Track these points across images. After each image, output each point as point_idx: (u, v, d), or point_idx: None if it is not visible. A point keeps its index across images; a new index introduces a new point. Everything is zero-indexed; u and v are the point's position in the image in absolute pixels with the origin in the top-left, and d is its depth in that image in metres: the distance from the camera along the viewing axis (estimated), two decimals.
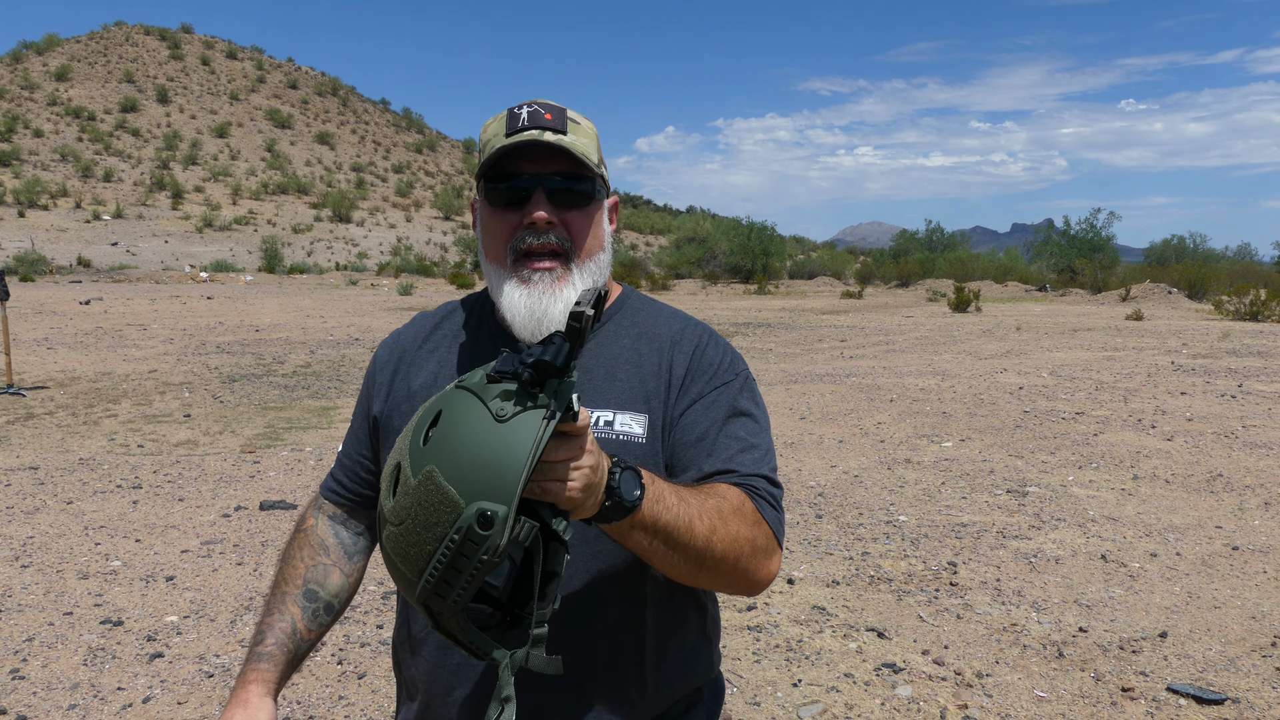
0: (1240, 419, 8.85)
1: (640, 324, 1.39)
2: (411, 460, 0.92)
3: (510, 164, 1.26)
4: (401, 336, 1.47)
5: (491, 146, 1.27)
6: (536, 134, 1.24)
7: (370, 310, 26.65)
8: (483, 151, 1.31)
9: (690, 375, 1.32)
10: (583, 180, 1.28)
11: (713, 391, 1.31)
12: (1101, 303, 31.83)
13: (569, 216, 1.28)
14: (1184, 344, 16.35)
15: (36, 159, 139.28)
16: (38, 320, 20.62)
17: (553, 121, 1.26)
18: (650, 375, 1.32)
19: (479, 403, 0.91)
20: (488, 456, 0.88)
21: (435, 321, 1.46)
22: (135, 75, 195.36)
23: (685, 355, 1.34)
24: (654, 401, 1.30)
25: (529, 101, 1.31)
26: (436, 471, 0.89)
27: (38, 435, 8.21)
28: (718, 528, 1.14)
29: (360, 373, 12.70)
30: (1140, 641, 3.90)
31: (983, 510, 5.91)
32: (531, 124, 1.25)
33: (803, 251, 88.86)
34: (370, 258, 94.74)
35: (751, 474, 1.25)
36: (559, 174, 1.26)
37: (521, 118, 1.26)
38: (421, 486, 0.89)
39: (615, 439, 1.26)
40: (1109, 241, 50.59)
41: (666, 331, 1.37)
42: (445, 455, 0.89)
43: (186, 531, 5.38)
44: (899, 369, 13.16)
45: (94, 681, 3.51)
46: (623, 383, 1.30)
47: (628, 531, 1.06)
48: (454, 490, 0.87)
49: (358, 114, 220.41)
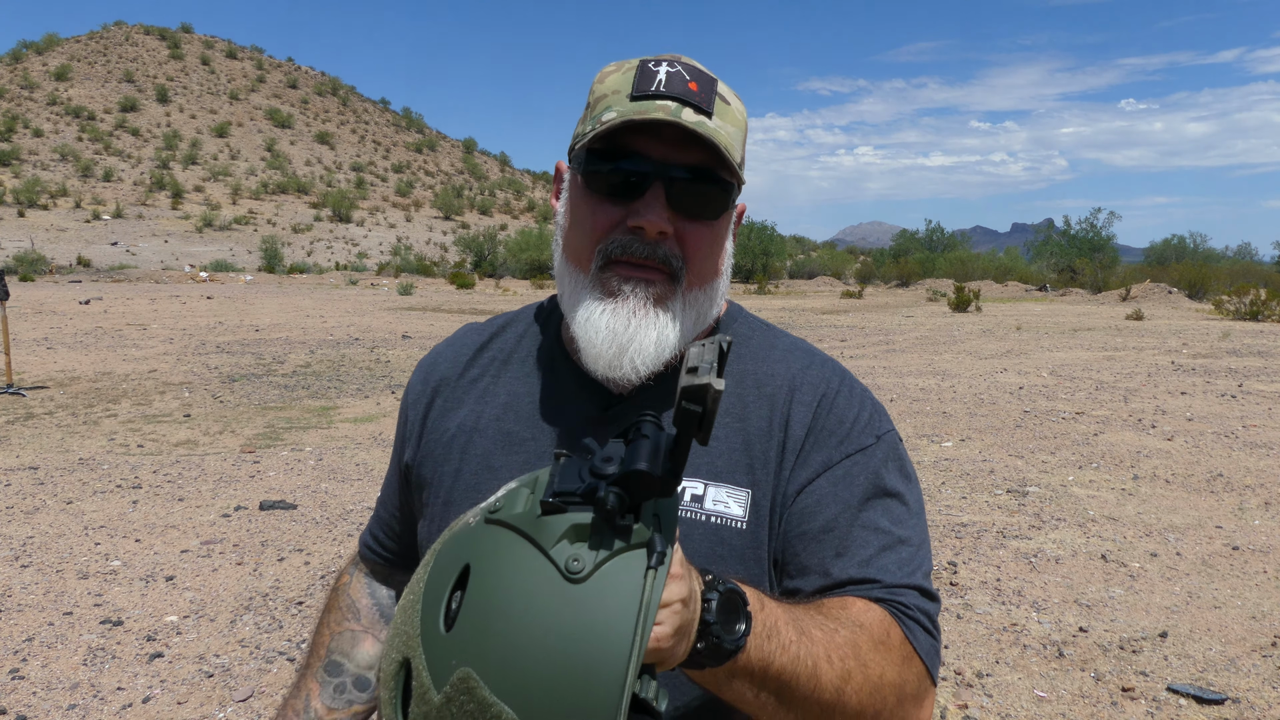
0: (1240, 419, 8.85)
1: (748, 359, 1.05)
2: (429, 659, 0.57)
3: (627, 138, 0.94)
4: (440, 359, 1.15)
5: (606, 108, 0.95)
6: (674, 108, 0.91)
7: (370, 310, 26.65)
8: (593, 108, 0.97)
9: (813, 437, 0.98)
10: (719, 184, 0.96)
11: (844, 460, 0.97)
12: (1101, 302, 31.84)
13: (690, 229, 0.96)
14: (1184, 344, 16.35)
15: (36, 159, 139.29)
16: (37, 320, 20.62)
17: (699, 95, 0.93)
18: (758, 434, 0.98)
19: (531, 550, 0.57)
20: (564, 648, 0.54)
21: (483, 340, 1.14)
22: (135, 75, 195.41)
23: (807, 408, 1.00)
24: (761, 472, 0.96)
25: (670, 57, 0.97)
26: (476, 681, 0.55)
27: (37, 435, 8.21)
28: (853, 673, 0.81)
29: (361, 373, 12.70)
30: (1140, 641, 3.90)
31: (983, 510, 5.91)
32: (669, 91, 0.92)
33: (803, 251, 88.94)
34: (370, 257, 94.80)
35: (899, 584, 0.91)
36: (691, 169, 0.94)
37: (658, 78, 0.93)
38: (452, 705, 0.55)
39: (705, 522, 0.93)
40: (1109, 241, 50.66)
41: (783, 373, 1.03)
42: (489, 652, 0.55)
43: (186, 531, 5.38)
44: (899, 369, 13.16)
45: (94, 681, 3.50)
46: (720, 442, 0.97)
47: (725, 680, 0.75)
48: (511, 713, 0.54)
49: (358, 114, 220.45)
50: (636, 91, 0.93)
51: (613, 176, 0.94)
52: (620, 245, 0.94)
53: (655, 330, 0.94)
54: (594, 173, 0.95)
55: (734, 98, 0.98)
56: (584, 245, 0.97)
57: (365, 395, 10.71)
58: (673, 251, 0.95)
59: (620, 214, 0.95)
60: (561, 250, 1.02)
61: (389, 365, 13.56)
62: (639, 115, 0.91)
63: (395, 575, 1.21)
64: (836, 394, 1.02)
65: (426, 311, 26.59)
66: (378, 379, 12.06)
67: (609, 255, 0.95)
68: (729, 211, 1.00)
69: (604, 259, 0.96)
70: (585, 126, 0.97)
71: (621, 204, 0.95)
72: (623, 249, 0.94)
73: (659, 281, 0.95)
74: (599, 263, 0.96)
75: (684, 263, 0.96)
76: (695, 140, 0.93)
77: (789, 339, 1.09)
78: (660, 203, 0.93)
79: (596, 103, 0.97)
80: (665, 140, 0.93)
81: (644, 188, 0.93)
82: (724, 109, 0.95)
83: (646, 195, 0.93)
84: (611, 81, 0.96)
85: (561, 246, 1.02)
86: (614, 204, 0.95)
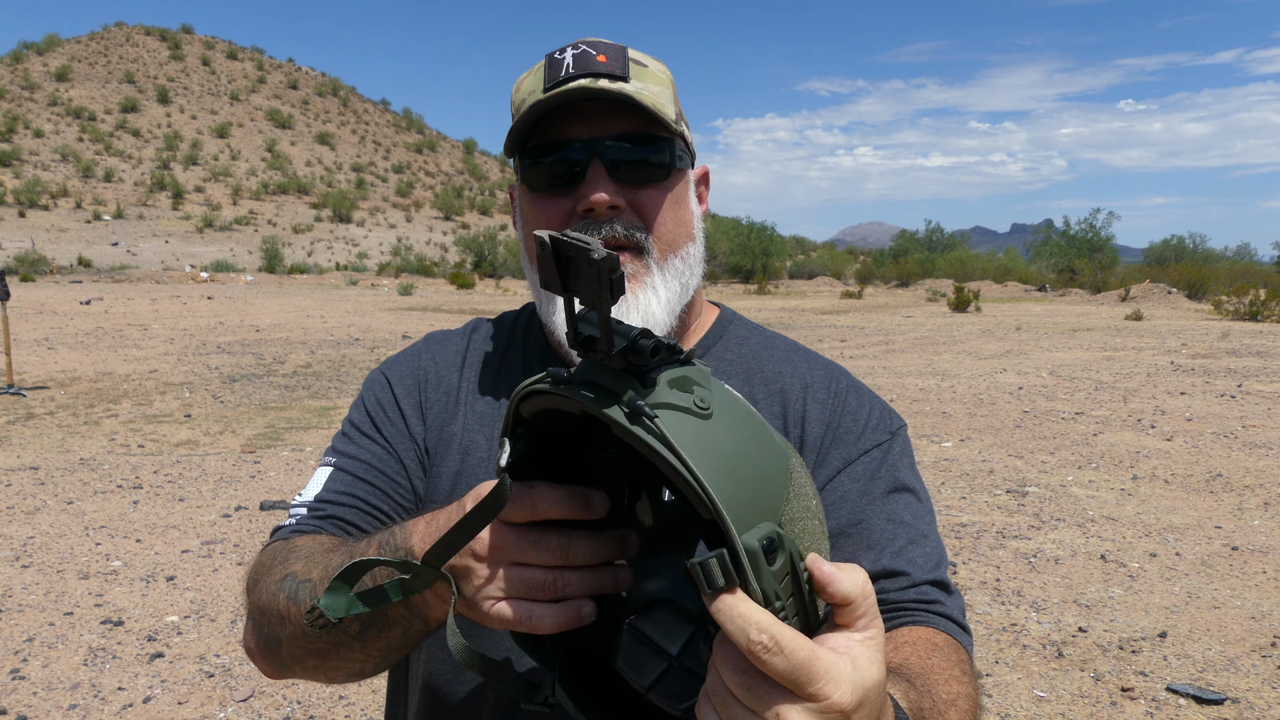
0: (1240, 419, 8.86)
1: (749, 361, 1.04)
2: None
3: (554, 129, 0.93)
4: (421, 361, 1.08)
5: (524, 105, 0.93)
6: (587, 82, 0.89)
7: (370, 310, 26.65)
8: (515, 114, 0.96)
9: (832, 434, 0.98)
10: (656, 143, 0.94)
11: (862, 457, 0.97)
12: (1101, 303, 31.84)
13: (641, 196, 0.94)
14: (1183, 344, 16.35)
15: (37, 159, 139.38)
16: (38, 320, 20.62)
17: (609, 65, 0.91)
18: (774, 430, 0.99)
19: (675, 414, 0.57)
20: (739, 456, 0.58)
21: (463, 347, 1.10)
22: (136, 75, 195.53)
23: (823, 405, 1.00)
24: None
25: (575, 42, 0.95)
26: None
27: (38, 435, 8.21)
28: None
29: (361, 373, 12.70)
30: (1140, 641, 3.91)
31: (982, 510, 5.91)
32: (579, 70, 0.90)
33: (802, 251, 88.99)
34: (370, 258, 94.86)
35: (926, 580, 0.91)
36: (622, 137, 0.92)
37: (565, 64, 0.91)
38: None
39: None
40: (1108, 241, 50.69)
41: (790, 373, 1.03)
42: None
43: (187, 531, 5.38)
44: (899, 369, 13.16)
45: (94, 681, 3.51)
46: None
47: None
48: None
49: (358, 114, 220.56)
50: (548, 82, 0.92)
51: (551, 168, 0.93)
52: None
53: (638, 313, 0.93)
54: (532, 166, 0.94)
55: (650, 60, 0.97)
56: None
57: None
58: (632, 223, 0.94)
59: (569, 203, 0.94)
60: (527, 255, 0.99)
61: None
62: (554, 95, 0.89)
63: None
64: (847, 392, 1.02)
65: (427, 312, 26.59)
66: None
67: None
68: (679, 169, 0.98)
69: None
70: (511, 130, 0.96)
71: (567, 192, 0.93)
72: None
73: (628, 261, 0.93)
74: None
75: (646, 231, 0.94)
76: (619, 107, 0.92)
77: (786, 340, 1.09)
78: (602, 177, 0.91)
79: (517, 108, 0.96)
80: (590, 119, 0.92)
81: (583, 168, 0.92)
82: (641, 71, 0.94)
83: (587, 175, 0.92)
84: (526, 85, 0.96)
85: (526, 252, 1.00)
86: (560, 196, 0.94)
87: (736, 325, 1.09)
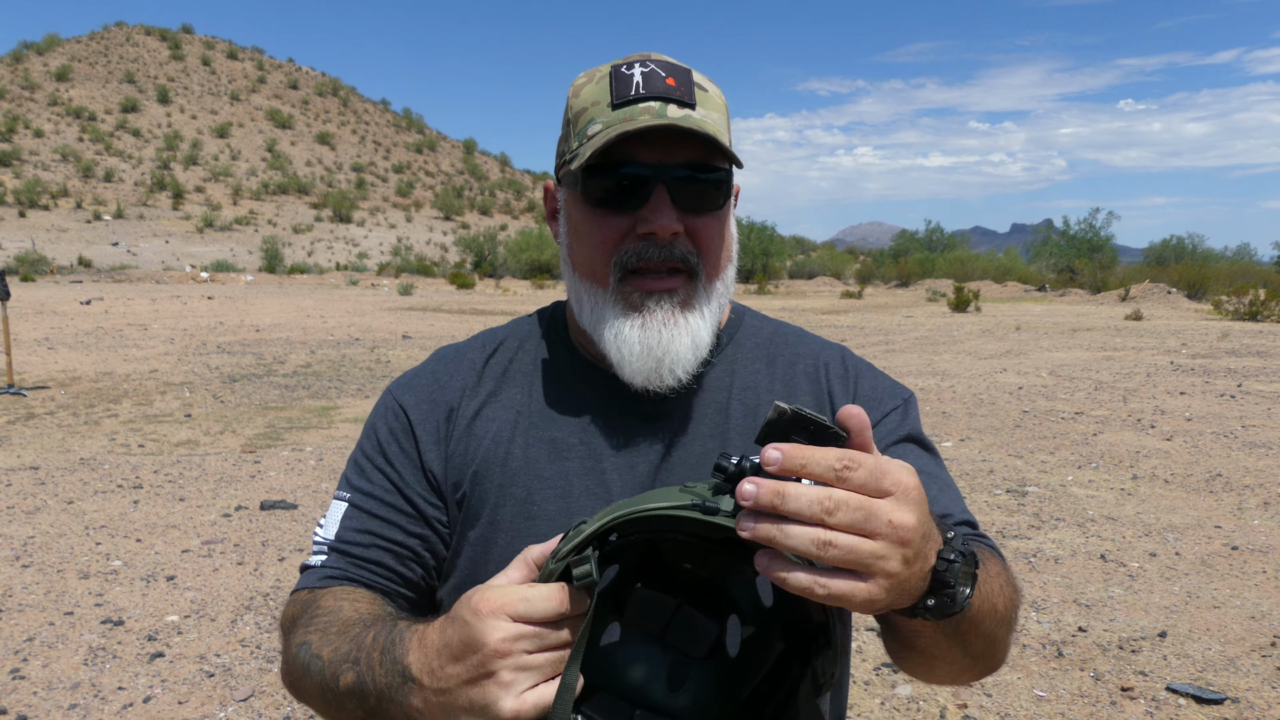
0: (1239, 419, 8.86)
1: (766, 346, 1.12)
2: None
3: (621, 146, 0.93)
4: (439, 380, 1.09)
5: (590, 121, 0.94)
6: (658, 108, 0.91)
7: (370, 310, 26.65)
8: (574, 124, 0.97)
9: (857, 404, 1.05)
10: (717, 173, 0.96)
11: (884, 420, 1.05)
12: (1101, 303, 31.83)
13: (698, 223, 0.96)
14: (1183, 344, 16.35)
15: (37, 159, 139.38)
16: (38, 320, 20.62)
17: (678, 90, 0.93)
18: (806, 405, 1.05)
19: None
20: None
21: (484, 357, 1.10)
22: (136, 75, 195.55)
23: (842, 380, 1.09)
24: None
25: (639, 57, 0.96)
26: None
27: (38, 435, 8.21)
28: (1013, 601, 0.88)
29: (361, 373, 12.71)
30: (1139, 641, 3.91)
31: (982, 510, 5.91)
32: (649, 92, 0.92)
33: (802, 251, 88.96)
34: (370, 258, 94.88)
35: (962, 520, 0.99)
36: (689, 165, 0.94)
37: (634, 82, 0.92)
38: None
39: None
40: (1108, 241, 50.67)
41: (806, 353, 1.11)
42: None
43: (187, 531, 5.38)
44: (898, 369, 13.16)
45: (94, 681, 3.51)
46: None
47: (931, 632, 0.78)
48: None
49: (358, 114, 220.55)
50: (617, 99, 0.92)
51: (615, 187, 0.94)
52: (635, 254, 0.94)
53: (689, 335, 0.96)
54: (594, 181, 0.95)
55: (709, 83, 0.98)
56: (597, 260, 0.97)
57: (365, 395, 10.71)
58: (688, 249, 0.96)
59: (627, 223, 0.95)
60: (572, 268, 1.01)
61: (389, 365, 13.57)
62: (629, 123, 0.90)
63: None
64: (859, 367, 1.11)
65: (427, 312, 26.59)
66: (378, 379, 12.07)
67: (626, 266, 0.95)
68: (730, 197, 1.01)
69: (621, 271, 0.95)
70: (573, 144, 0.97)
71: (627, 213, 0.95)
72: (638, 257, 0.94)
73: (680, 287, 0.96)
74: (617, 276, 0.96)
75: (699, 257, 0.97)
76: (688, 136, 0.92)
77: (791, 326, 1.18)
78: (666, 204, 0.93)
79: (577, 118, 0.96)
80: (657, 143, 0.93)
81: (647, 193, 0.93)
82: (704, 97, 0.95)
83: (652, 200, 0.93)
84: (588, 94, 0.96)
85: (571, 264, 1.01)
86: (619, 214, 0.95)
87: (750, 316, 1.16)
